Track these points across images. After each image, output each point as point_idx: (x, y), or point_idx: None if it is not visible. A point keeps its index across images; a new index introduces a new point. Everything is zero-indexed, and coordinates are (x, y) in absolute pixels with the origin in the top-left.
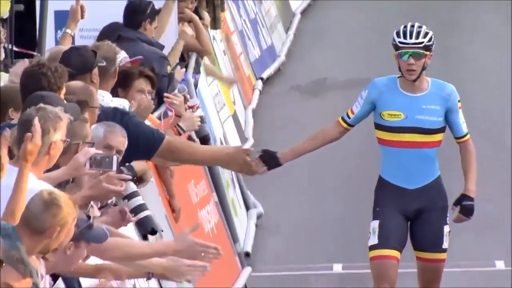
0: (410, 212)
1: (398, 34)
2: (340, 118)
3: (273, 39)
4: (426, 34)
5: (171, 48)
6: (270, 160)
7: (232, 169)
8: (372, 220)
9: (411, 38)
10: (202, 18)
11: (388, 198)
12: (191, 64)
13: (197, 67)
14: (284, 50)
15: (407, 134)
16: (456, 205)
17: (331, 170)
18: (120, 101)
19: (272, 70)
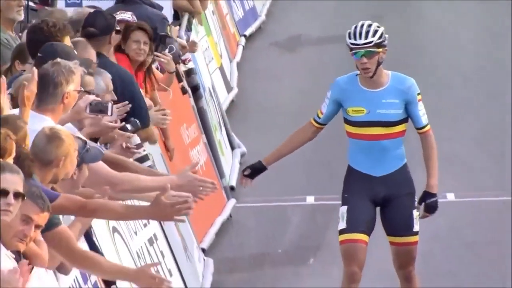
0: (378, 198)
1: (350, 35)
2: (312, 118)
3: (254, 1)
4: (376, 32)
5: None
6: (256, 173)
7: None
8: (341, 206)
9: (360, 38)
10: None
11: (356, 185)
12: (184, 23)
13: (189, 25)
14: (264, 11)
15: (371, 127)
16: (420, 203)
17: (306, 118)
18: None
19: (254, 28)
